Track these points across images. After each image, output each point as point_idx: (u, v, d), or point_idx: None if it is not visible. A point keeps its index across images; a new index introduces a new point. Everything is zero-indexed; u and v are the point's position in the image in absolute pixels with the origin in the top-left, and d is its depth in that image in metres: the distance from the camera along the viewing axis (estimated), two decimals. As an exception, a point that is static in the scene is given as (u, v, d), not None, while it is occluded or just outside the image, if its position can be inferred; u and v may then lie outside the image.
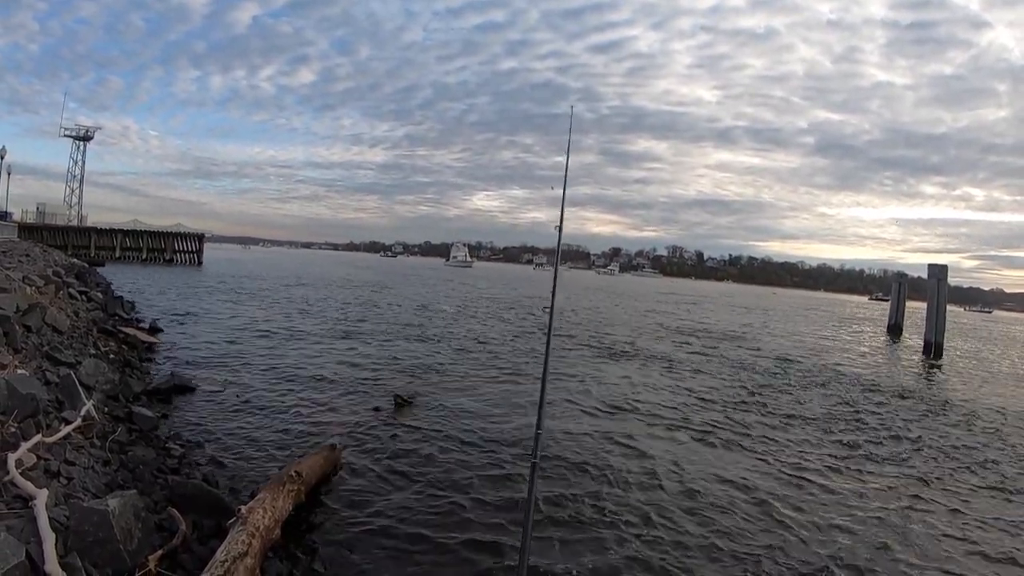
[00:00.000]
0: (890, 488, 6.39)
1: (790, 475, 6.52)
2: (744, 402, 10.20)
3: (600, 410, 8.84)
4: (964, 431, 9.45)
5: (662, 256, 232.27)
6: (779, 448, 7.54)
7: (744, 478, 6.28)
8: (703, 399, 10.19)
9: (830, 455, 7.42)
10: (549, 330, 3.35)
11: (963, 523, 5.61)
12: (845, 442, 8.09)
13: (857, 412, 10.19)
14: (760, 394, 11.07)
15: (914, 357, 21.12)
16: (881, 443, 8.24)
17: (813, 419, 9.33)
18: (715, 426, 8.38)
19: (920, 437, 8.76)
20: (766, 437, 8.00)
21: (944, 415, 10.62)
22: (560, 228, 3.86)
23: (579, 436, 7.36)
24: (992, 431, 9.65)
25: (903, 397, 12.11)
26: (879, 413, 10.28)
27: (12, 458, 3.49)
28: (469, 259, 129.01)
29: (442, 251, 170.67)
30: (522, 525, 2.49)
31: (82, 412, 4.97)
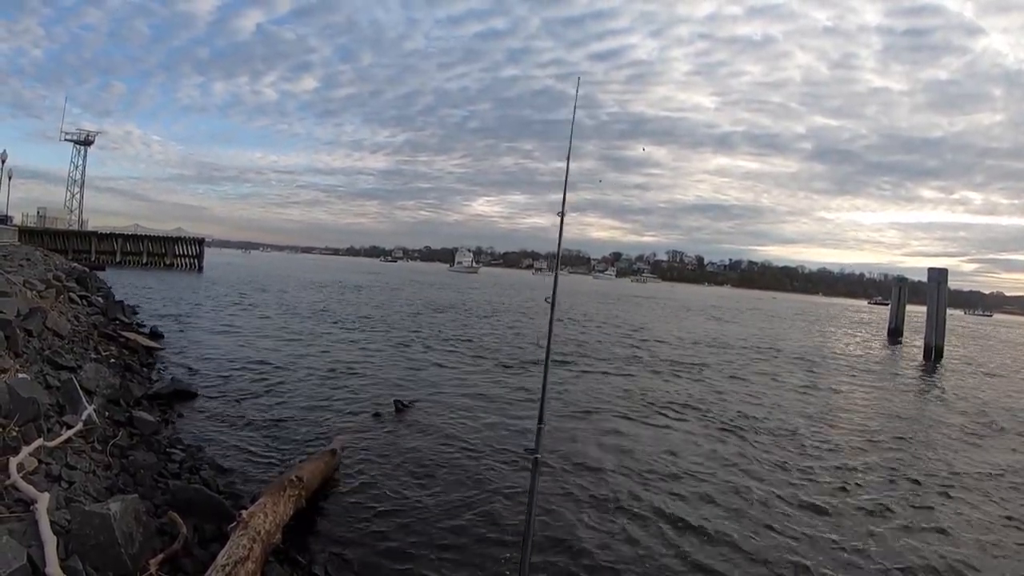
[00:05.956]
0: (885, 491, 6.39)
1: (795, 475, 6.51)
2: (747, 403, 10.19)
3: (596, 410, 8.83)
4: (970, 432, 9.44)
5: (662, 261, 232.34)
6: (781, 451, 7.52)
7: (750, 475, 6.27)
8: (703, 399, 10.17)
9: (833, 455, 7.40)
10: (551, 323, 3.33)
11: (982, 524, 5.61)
12: (847, 444, 8.08)
13: (857, 415, 10.18)
14: (763, 396, 11.05)
15: (915, 361, 21.10)
16: (879, 443, 8.24)
17: (815, 420, 9.31)
18: (718, 424, 8.37)
19: (923, 437, 8.76)
20: (771, 437, 7.99)
21: (947, 416, 10.60)
22: (560, 229, 3.77)
23: (577, 435, 7.37)
24: (999, 431, 9.70)
25: (904, 398, 12.10)
26: (880, 416, 10.28)
27: (14, 462, 3.49)
28: (474, 264, 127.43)
29: (442, 256, 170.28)
30: (524, 521, 2.48)
31: (83, 416, 4.97)
